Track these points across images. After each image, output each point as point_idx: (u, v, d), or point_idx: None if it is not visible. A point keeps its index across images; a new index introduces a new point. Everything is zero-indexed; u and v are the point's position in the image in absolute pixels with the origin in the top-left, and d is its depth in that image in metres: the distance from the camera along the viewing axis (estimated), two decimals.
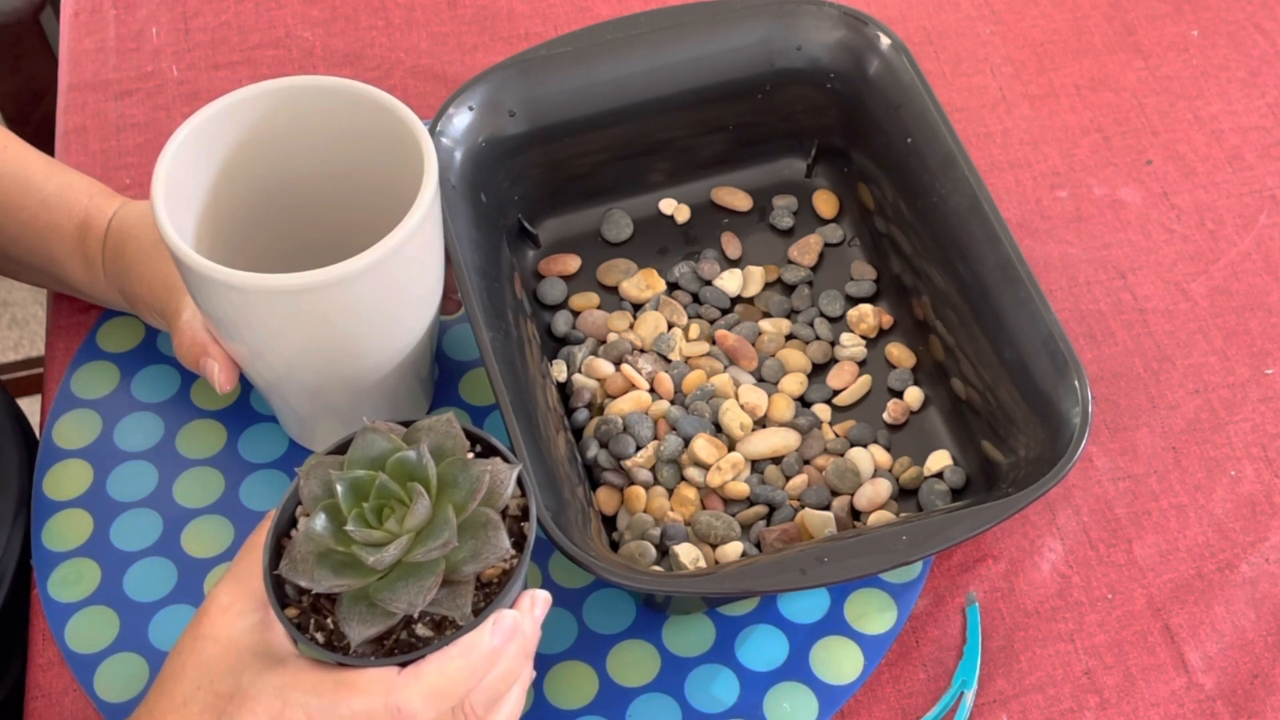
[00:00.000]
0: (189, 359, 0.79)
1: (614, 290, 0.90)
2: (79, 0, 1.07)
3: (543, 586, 0.80)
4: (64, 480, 0.84)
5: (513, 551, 0.63)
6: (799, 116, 0.92)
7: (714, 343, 0.87)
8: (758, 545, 0.80)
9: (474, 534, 0.61)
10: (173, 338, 0.80)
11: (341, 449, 0.64)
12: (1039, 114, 1.00)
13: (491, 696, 0.63)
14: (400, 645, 0.62)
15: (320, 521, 0.61)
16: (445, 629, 0.62)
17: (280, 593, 0.63)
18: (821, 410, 0.85)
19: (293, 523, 0.64)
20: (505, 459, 0.64)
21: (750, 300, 0.90)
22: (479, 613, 0.61)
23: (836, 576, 0.71)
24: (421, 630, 0.62)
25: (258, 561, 0.63)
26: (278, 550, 0.63)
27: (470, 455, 0.65)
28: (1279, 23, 1.04)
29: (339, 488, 0.61)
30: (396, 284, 0.72)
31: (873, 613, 0.79)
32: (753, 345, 0.87)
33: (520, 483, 0.65)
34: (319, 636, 0.62)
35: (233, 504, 0.83)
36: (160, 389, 0.87)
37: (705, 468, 0.81)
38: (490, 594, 0.63)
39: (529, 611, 0.64)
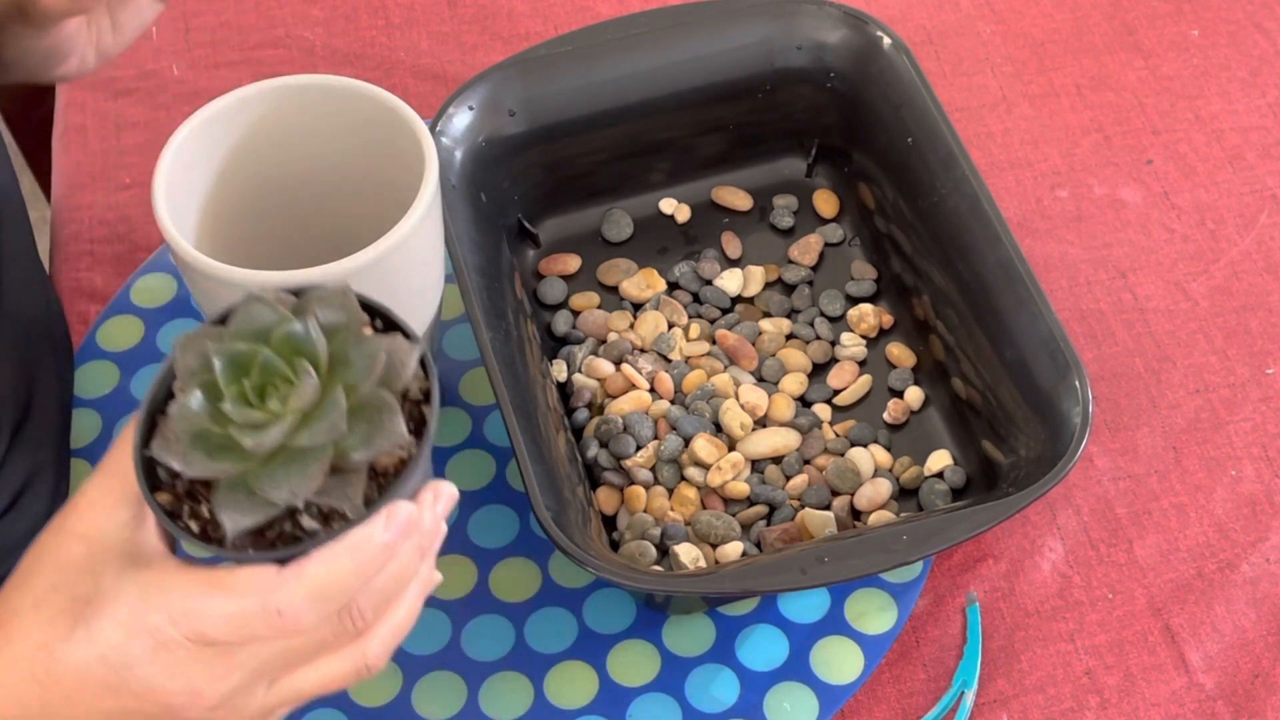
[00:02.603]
0: (60, 6, 0.70)
1: (614, 290, 0.90)
2: None
3: (543, 587, 0.80)
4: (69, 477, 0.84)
5: (411, 439, 0.56)
6: (799, 116, 0.92)
7: (714, 342, 0.87)
8: (758, 545, 0.80)
9: (367, 418, 0.54)
10: (34, 10, 0.71)
11: (225, 319, 0.57)
12: (1039, 114, 1.00)
13: (382, 599, 0.57)
14: (283, 539, 0.55)
15: (195, 399, 0.54)
16: (334, 522, 0.55)
17: (152, 477, 0.56)
18: (822, 410, 0.85)
19: (168, 399, 0.57)
20: (407, 336, 0.57)
21: (750, 300, 0.90)
22: (371, 505, 0.55)
23: (837, 576, 0.71)
24: (307, 523, 0.55)
25: (129, 457, 0.56)
26: (151, 430, 0.56)
27: (369, 331, 0.58)
28: (1279, 22, 1.04)
29: (217, 362, 0.54)
30: (396, 282, 0.72)
31: (873, 612, 0.79)
32: (753, 345, 0.87)
33: (423, 364, 0.57)
34: (193, 525, 0.55)
35: None
36: None
37: (705, 467, 0.81)
38: (385, 486, 0.56)
39: (429, 506, 0.57)
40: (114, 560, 0.56)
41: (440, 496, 0.57)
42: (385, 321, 0.59)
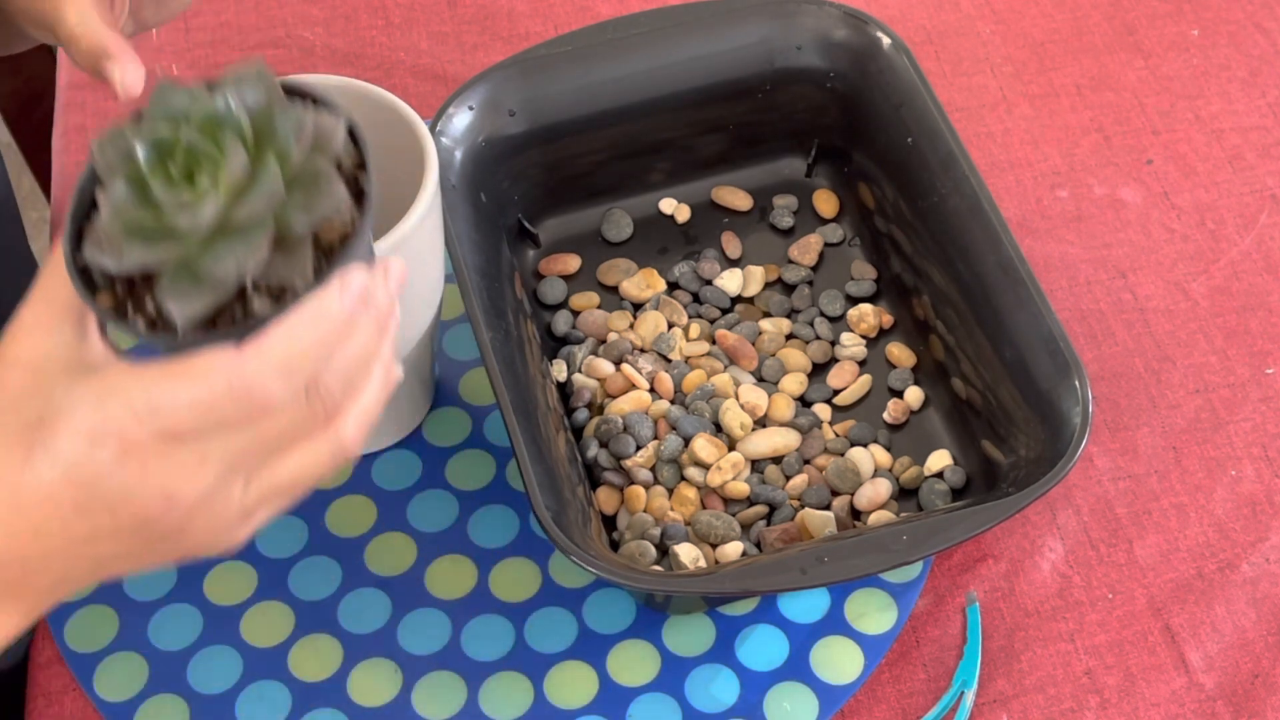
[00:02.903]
0: (88, 66, 0.67)
1: (614, 290, 0.90)
2: None
3: (543, 587, 0.80)
4: None
5: (352, 206, 0.54)
6: (799, 116, 0.92)
7: (714, 342, 0.87)
8: (758, 545, 0.80)
9: (304, 186, 0.52)
10: (66, 49, 0.68)
11: (139, 116, 0.54)
12: (1039, 114, 1.00)
13: (347, 378, 0.54)
14: (236, 326, 0.53)
15: (120, 190, 0.52)
16: (285, 301, 0.52)
17: (89, 286, 0.53)
18: (822, 410, 0.85)
19: (92, 206, 0.54)
20: (331, 109, 0.55)
21: (750, 300, 0.90)
22: (321, 275, 0.53)
23: (836, 576, 0.71)
24: (258, 305, 0.52)
25: (63, 271, 0.54)
26: (79, 239, 0.54)
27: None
28: (1279, 22, 1.04)
29: (139, 149, 0.52)
30: None
31: (873, 612, 0.79)
32: (753, 345, 0.87)
33: (352, 134, 0.55)
34: (139, 323, 0.53)
35: None
36: None
37: (705, 467, 0.81)
38: (332, 259, 0.54)
39: (381, 279, 0.54)
40: (61, 376, 0.53)
41: (391, 271, 0.55)
42: (308, 99, 0.56)
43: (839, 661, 0.78)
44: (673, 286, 0.90)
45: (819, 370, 0.87)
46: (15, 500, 0.53)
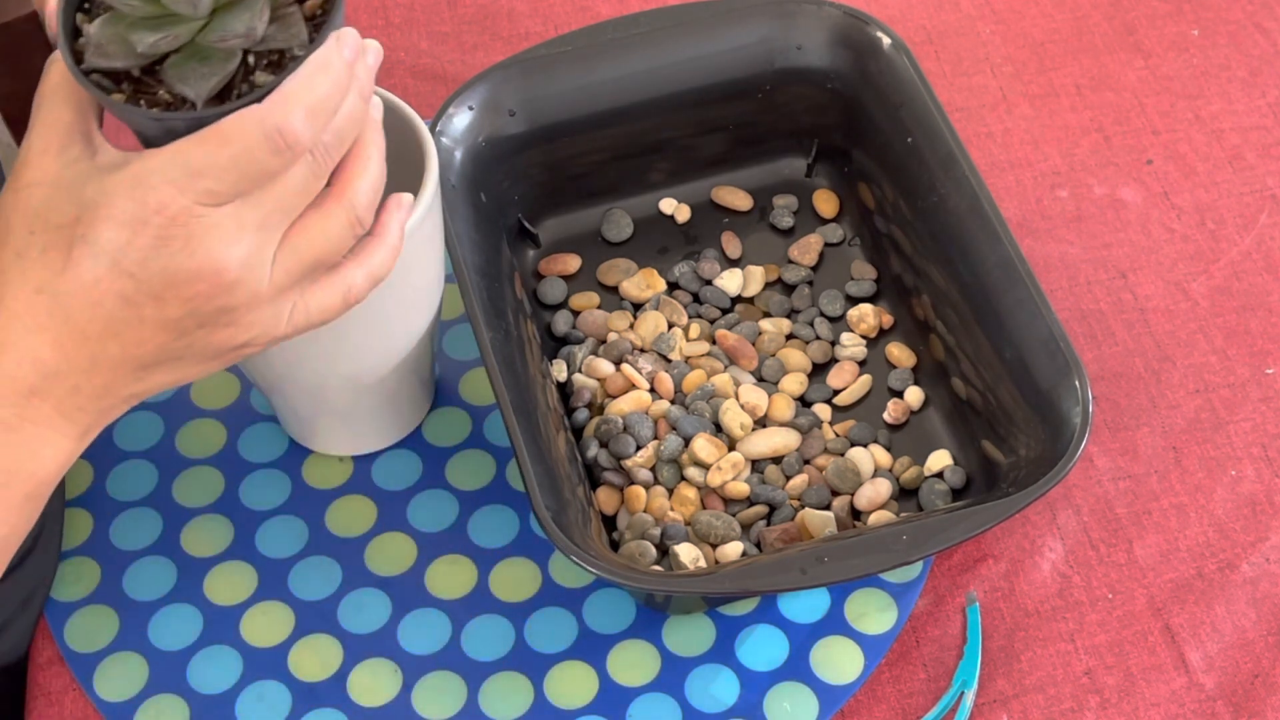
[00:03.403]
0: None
1: (614, 290, 0.90)
2: None
3: (543, 587, 0.80)
4: (64, 479, 0.84)
5: None
6: (799, 116, 0.92)
7: (714, 342, 0.87)
8: (758, 545, 0.80)
9: None
10: None
11: None
12: (1039, 113, 1.00)
13: (344, 140, 0.57)
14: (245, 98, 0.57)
15: None
16: (286, 67, 0.57)
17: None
18: (822, 410, 0.85)
19: (76, 32, 0.59)
20: None
21: (750, 300, 0.90)
22: (314, 41, 0.57)
23: (836, 576, 0.71)
24: (261, 77, 0.57)
25: (59, 96, 0.57)
26: (76, 58, 0.58)
27: None
28: (1279, 22, 1.04)
29: None
30: (397, 282, 0.72)
31: (873, 613, 0.79)
32: (753, 345, 0.87)
33: None
34: (157, 110, 0.57)
35: (232, 504, 0.83)
36: None
37: (705, 467, 0.81)
38: (318, 24, 0.58)
39: (361, 55, 0.58)
40: (89, 179, 0.55)
41: (369, 50, 0.59)
42: None
43: (839, 661, 0.78)
44: (673, 286, 0.90)
45: (819, 370, 0.87)
46: (58, 305, 0.55)
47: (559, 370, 0.86)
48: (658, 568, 0.78)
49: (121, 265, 0.55)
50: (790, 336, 0.88)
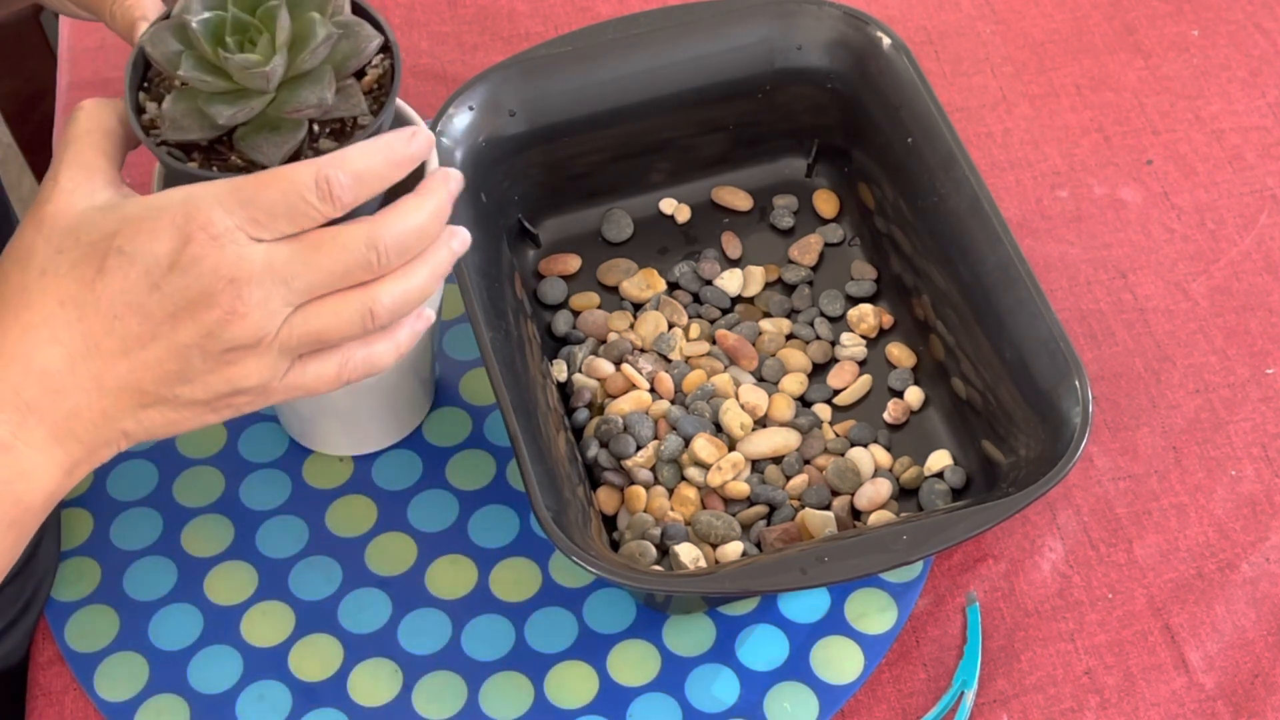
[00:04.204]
0: (125, 32, 0.68)
1: (614, 290, 0.90)
2: None
3: (543, 587, 0.80)
4: None
5: (383, 55, 0.64)
6: (799, 116, 0.92)
7: (714, 342, 0.87)
8: (758, 545, 0.80)
9: (344, 33, 0.61)
10: (112, 24, 0.70)
11: (165, 16, 0.63)
12: (1039, 114, 1.00)
13: (404, 247, 0.60)
14: None
15: (190, 64, 0.60)
16: (350, 135, 0.62)
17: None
18: (822, 410, 0.85)
19: (139, 109, 0.63)
20: None
21: (750, 300, 0.90)
22: (377, 114, 0.62)
23: (837, 576, 0.71)
24: (325, 144, 0.62)
25: (88, 142, 0.60)
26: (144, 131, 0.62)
27: None
28: (1279, 22, 1.04)
29: (196, 28, 0.59)
30: None
31: (873, 613, 0.79)
32: (753, 345, 0.87)
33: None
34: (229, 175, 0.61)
35: (233, 503, 0.83)
36: None
37: (705, 467, 0.81)
38: (376, 97, 0.63)
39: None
40: (122, 205, 0.58)
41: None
42: None
43: (839, 661, 0.78)
44: (673, 286, 0.90)
45: (819, 370, 0.87)
46: (79, 317, 0.57)
47: (559, 370, 0.86)
48: (658, 568, 0.78)
49: (152, 276, 0.57)
50: (790, 336, 0.88)
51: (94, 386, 0.58)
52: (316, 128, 0.62)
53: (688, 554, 0.78)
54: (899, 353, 0.87)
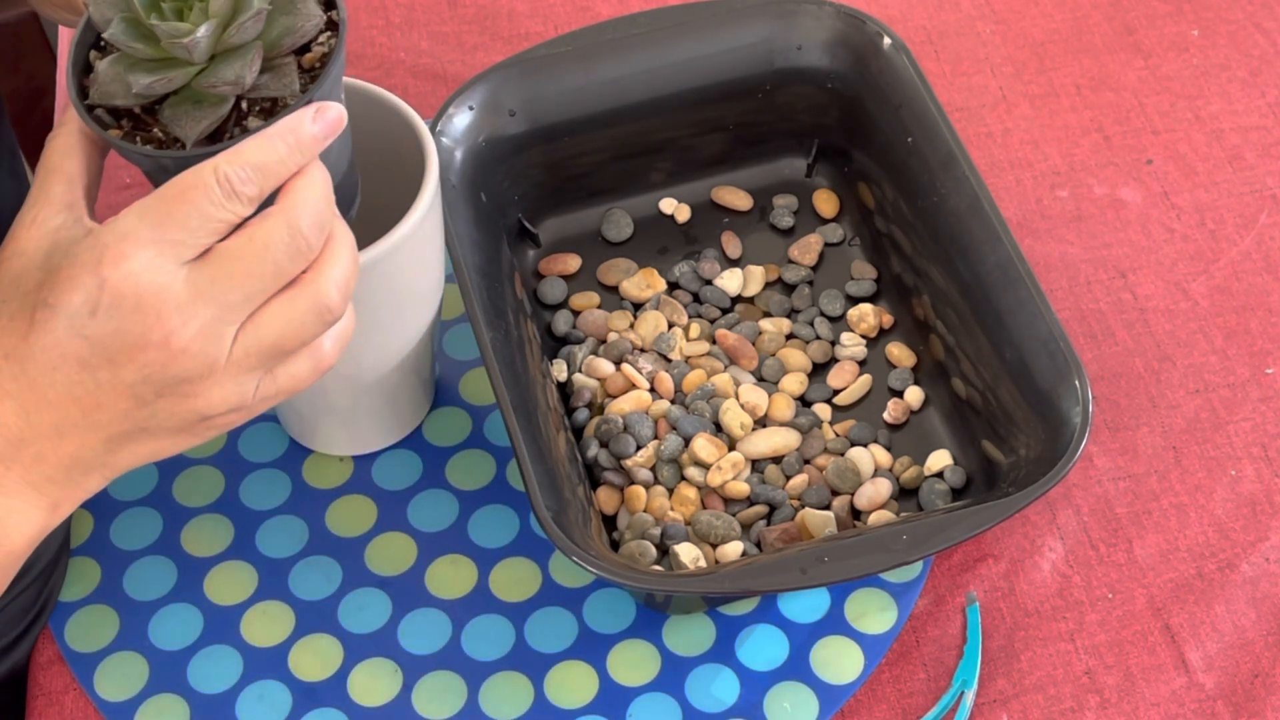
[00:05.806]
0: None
1: (614, 290, 0.90)
2: None
3: (543, 587, 0.80)
4: None
5: (328, 33, 0.61)
6: (799, 116, 0.92)
7: (714, 342, 0.87)
8: (758, 545, 0.80)
9: (282, 10, 0.59)
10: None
11: None
12: (1039, 113, 1.00)
13: (318, 219, 0.58)
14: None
15: (120, 29, 0.58)
16: (277, 115, 0.58)
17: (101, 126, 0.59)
18: (822, 410, 0.85)
19: (88, 68, 0.61)
20: None
21: (750, 300, 0.90)
22: (306, 91, 0.59)
23: (837, 576, 0.71)
24: (253, 123, 0.59)
25: (50, 168, 0.59)
26: (84, 93, 0.60)
27: None
28: (1279, 22, 1.04)
29: None
30: (397, 282, 0.72)
31: (873, 612, 0.79)
32: (753, 345, 0.87)
33: None
34: (150, 147, 0.59)
35: (232, 503, 0.83)
36: None
37: (705, 467, 0.81)
38: (314, 76, 0.60)
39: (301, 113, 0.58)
40: (59, 244, 0.57)
41: (316, 110, 0.59)
42: None
43: (839, 661, 0.78)
44: (673, 286, 0.90)
45: (819, 370, 0.87)
46: (22, 370, 0.55)
47: (559, 370, 0.86)
48: (658, 568, 0.78)
49: (76, 327, 0.55)
50: (790, 336, 0.88)
51: (53, 433, 0.56)
52: (245, 105, 0.59)
53: (688, 554, 0.78)
54: (899, 352, 0.87)
